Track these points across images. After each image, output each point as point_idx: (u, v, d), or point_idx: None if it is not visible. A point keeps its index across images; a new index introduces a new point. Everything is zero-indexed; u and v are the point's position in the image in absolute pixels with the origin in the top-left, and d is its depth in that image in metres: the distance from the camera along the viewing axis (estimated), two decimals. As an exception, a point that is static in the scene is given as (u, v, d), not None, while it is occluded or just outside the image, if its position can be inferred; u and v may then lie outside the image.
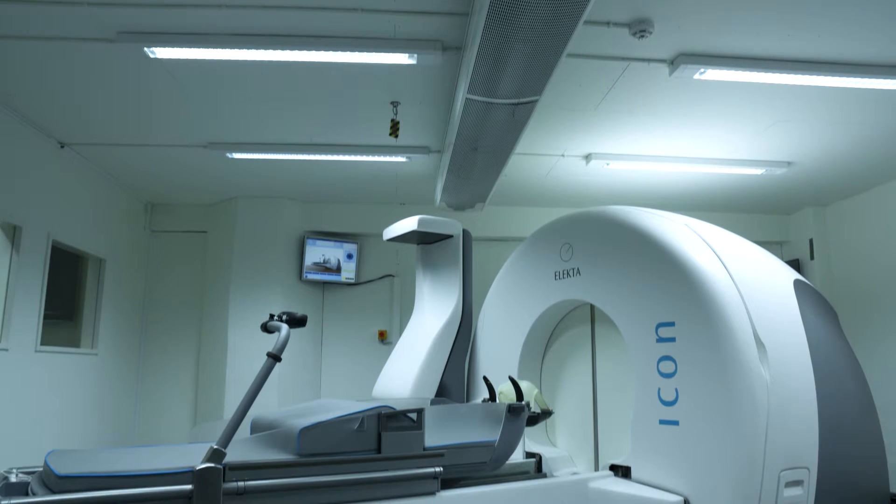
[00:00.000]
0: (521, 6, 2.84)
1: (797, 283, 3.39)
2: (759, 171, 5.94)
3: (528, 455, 3.87)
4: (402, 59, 3.81)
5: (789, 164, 5.79)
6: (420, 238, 4.80)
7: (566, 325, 4.16)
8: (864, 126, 4.95)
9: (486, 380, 3.59)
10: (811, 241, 7.19)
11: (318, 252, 6.91)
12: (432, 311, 4.74)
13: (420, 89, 4.35)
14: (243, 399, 2.30)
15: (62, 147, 5.36)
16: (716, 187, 6.55)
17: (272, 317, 2.59)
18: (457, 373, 4.53)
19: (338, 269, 6.99)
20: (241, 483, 2.24)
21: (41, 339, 5.08)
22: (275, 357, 2.37)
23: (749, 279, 3.11)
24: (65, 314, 5.92)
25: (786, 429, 2.85)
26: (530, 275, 4.14)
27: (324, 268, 6.92)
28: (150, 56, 3.80)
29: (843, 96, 4.42)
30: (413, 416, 2.71)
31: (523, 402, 3.16)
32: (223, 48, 3.69)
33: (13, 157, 4.77)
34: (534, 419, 3.30)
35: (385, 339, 7.08)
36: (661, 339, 3.15)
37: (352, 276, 7.07)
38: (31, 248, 4.96)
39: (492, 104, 3.77)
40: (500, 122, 4.00)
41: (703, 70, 3.95)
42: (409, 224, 4.56)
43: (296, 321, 2.58)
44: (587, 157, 5.68)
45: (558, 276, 3.89)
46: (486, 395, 3.58)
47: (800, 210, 7.36)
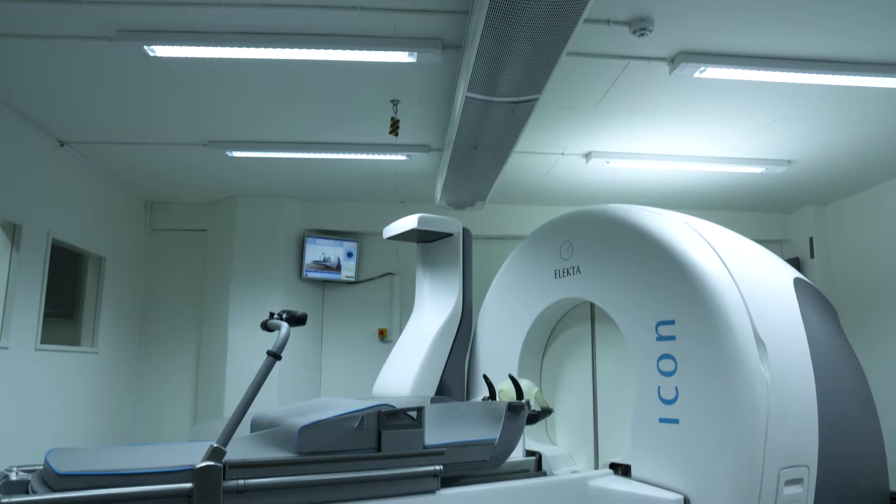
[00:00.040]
0: (521, 4, 2.83)
1: (797, 281, 3.39)
2: (759, 170, 5.93)
3: (528, 453, 3.86)
4: (402, 57, 3.81)
5: (789, 162, 5.78)
6: (420, 236, 4.80)
7: (566, 324, 4.16)
8: (863, 124, 4.95)
9: (486, 378, 3.58)
10: (811, 239, 7.18)
11: (318, 250, 6.91)
12: (432, 310, 4.74)
13: (420, 87, 4.35)
14: (243, 397, 2.30)
15: (62, 145, 5.36)
16: (716, 185, 6.54)
17: (272, 315, 2.58)
18: (457, 371, 4.53)
19: (338, 268, 6.99)
20: (241, 481, 2.24)
21: (41, 337, 5.08)
22: (275, 355, 2.37)
23: (749, 277, 3.10)
24: (65, 313, 5.92)
25: (786, 427, 2.85)
26: (530, 273, 4.14)
27: (324, 266, 6.92)
28: (150, 54, 3.80)
29: (843, 94, 4.42)
30: (413, 414, 2.71)
31: (523, 401, 3.16)
32: (223, 46, 3.69)
33: (13, 156, 4.77)
34: (534, 417, 3.30)
35: (385, 337, 7.09)
36: (661, 338, 3.15)
37: (352, 274, 7.07)
38: (31, 247, 4.96)
39: (492, 102, 3.77)
40: (500, 120, 4.00)
41: (703, 68, 3.95)
42: (409, 222, 4.56)
43: (296, 319, 2.58)
44: (587, 156, 5.68)
45: (558, 275, 3.89)
46: (486, 394, 3.58)
47: (800, 208, 7.35)
